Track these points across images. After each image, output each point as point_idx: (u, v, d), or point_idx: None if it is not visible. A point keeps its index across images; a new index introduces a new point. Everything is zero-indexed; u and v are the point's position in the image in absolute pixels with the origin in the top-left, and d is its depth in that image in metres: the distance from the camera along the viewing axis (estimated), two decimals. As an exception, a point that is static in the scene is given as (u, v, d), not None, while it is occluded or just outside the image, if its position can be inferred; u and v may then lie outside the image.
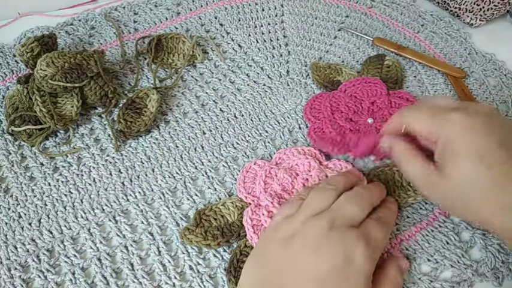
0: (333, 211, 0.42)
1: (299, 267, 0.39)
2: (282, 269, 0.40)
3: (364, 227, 0.41)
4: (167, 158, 0.55)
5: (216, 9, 0.72)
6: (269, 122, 0.58)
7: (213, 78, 0.63)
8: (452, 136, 0.39)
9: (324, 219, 0.41)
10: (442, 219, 0.49)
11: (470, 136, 0.39)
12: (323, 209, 0.42)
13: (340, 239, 0.39)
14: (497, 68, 0.63)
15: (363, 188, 0.46)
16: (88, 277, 0.46)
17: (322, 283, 0.38)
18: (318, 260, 0.39)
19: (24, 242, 0.48)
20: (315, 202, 0.43)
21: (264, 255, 0.42)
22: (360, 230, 0.41)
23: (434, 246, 0.47)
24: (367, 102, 0.57)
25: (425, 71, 0.64)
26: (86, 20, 0.70)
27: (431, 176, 0.40)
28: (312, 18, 0.72)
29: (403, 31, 0.69)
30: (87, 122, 0.58)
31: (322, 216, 0.41)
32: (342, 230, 0.40)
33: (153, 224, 0.49)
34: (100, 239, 0.48)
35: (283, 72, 0.64)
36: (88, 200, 0.51)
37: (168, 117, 0.59)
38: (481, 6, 0.68)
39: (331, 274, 0.38)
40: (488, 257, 0.46)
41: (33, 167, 0.54)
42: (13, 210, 0.50)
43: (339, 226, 0.40)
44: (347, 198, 0.43)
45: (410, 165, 0.42)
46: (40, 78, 0.53)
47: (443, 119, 0.40)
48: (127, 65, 0.64)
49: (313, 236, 0.40)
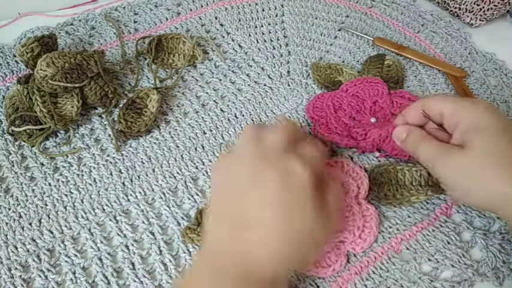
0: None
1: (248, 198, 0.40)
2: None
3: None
4: (168, 158, 0.55)
5: (216, 10, 0.72)
6: (270, 122, 0.58)
7: (213, 78, 0.63)
8: (477, 115, 0.44)
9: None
10: (443, 219, 0.49)
11: (493, 115, 0.44)
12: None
13: (275, 162, 0.40)
14: (497, 68, 0.63)
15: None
16: (89, 277, 0.46)
17: (272, 204, 0.39)
18: (262, 185, 0.39)
19: (24, 242, 0.48)
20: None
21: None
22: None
23: (435, 246, 0.47)
24: (369, 102, 0.57)
25: (426, 71, 0.64)
26: (86, 20, 0.70)
27: (451, 152, 0.44)
28: (312, 18, 0.72)
29: (403, 31, 0.69)
30: (88, 122, 0.58)
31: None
32: (275, 156, 0.41)
33: (154, 223, 0.49)
34: (101, 238, 0.48)
35: (284, 73, 0.64)
36: (88, 200, 0.51)
37: (169, 117, 0.59)
38: (481, 6, 0.68)
39: (277, 194, 0.39)
40: (489, 257, 0.46)
41: (34, 167, 0.54)
42: (13, 210, 0.50)
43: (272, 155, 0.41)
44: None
45: (427, 146, 0.46)
46: (40, 79, 0.53)
47: (467, 102, 0.46)
48: (127, 65, 0.64)
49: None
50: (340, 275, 0.45)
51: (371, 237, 0.47)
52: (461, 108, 0.45)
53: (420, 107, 0.48)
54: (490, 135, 0.43)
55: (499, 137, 0.42)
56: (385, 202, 0.50)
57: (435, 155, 0.45)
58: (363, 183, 0.49)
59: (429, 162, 0.46)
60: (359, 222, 0.47)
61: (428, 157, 0.46)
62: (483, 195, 0.43)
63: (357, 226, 0.46)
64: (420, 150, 0.47)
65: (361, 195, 0.49)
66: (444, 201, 0.50)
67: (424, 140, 0.47)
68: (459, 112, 0.45)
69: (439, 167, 0.45)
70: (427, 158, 0.46)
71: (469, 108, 0.45)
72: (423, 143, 0.47)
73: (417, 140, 0.48)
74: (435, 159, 0.45)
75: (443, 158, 0.45)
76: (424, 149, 0.46)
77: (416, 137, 0.48)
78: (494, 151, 0.42)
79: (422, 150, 0.47)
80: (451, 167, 0.44)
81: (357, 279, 0.45)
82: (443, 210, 0.50)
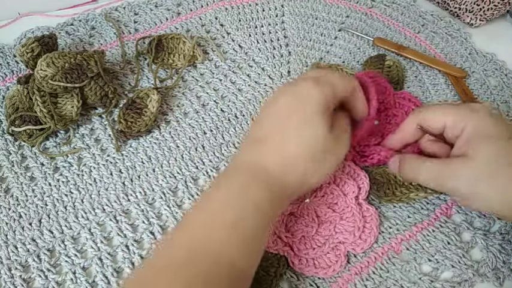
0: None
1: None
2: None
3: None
4: (168, 158, 0.55)
5: (216, 10, 0.72)
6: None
7: (213, 78, 0.63)
8: (479, 122, 0.44)
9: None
10: (443, 219, 0.49)
11: (497, 121, 0.44)
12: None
13: (293, 86, 0.45)
14: (498, 68, 0.63)
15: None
16: (89, 277, 0.46)
17: (283, 120, 0.43)
18: (276, 103, 0.45)
19: (24, 242, 0.48)
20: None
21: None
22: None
23: (435, 246, 0.47)
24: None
25: (426, 71, 0.64)
26: (86, 20, 0.70)
27: (456, 164, 0.44)
28: (312, 19, 0.72)
29: (403, 31, 0.69)
30: (88, 122, 0.58)
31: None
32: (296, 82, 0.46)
33: (154, 223, 0.49)
34: (101, 238, 0.48)
35: (284, 73, 0.64)
36: (89, 199, 0.51)
37: (169, 117, 0.59)
38: (481, 6, 0.68)
39: (288, 112, 0.43)
40: (489, 257, 0.46)
41: (34, 167, 0.54)
42: (14, 210, 0.50)
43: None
44: None
45: (428, 165, 0.45)
46: (40, 79, 0.53)
47: (467, 110, 0.45)
48: (127, 65, 0.64)
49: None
50: (340, 276, 0.45)
51: (371, 238, 0.46)
52: (463, 117, 0.45)
53: (416, 121, 0.48)
54: (494, 142, 0.42)
55: (503, 142, 0.42)
56: (385, 200, 0.50)
57: (441, 171, 0.44)
58: (363, 183, 0.49)
59: (436, 180, 0.45)
60: (359, 223, 0.47)
61: (433, 175, 0.45)
62: (500, 201, 0.42)
63: (357, 227, 0.46)
64: (423, 171, 0.46)
65: (362, 196, 0.49)
66: (444, 202, 0.50)
67: (423, 161, 0.46)
68: (461, 122, 0.44)
69: (448, 181, 0.44)
70: (432, 177, 0.45)
71: (470, 116, 0.44)
72: (423, 164, 0.46)
73: (415, 163, 0.47)
74: (442, 175, 0.44)
75: (449, 171, 0.44)
76: (426, 169, 0.45)
77: (412, 161, 0.47)
78: (501, 156, 0.42)
79: (425, 171, 0.45)
80: (460, 179, 0.43)
81: (357, 280, 0.45)
82: (443, 210, 0.50)
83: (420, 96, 0.60)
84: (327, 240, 0.46)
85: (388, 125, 0.54)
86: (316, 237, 0.46)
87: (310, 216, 0.47)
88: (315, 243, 0.46)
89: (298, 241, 0.46)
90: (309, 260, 0.45)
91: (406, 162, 0.47)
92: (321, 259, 0.45)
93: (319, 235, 0.46)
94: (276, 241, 0.46)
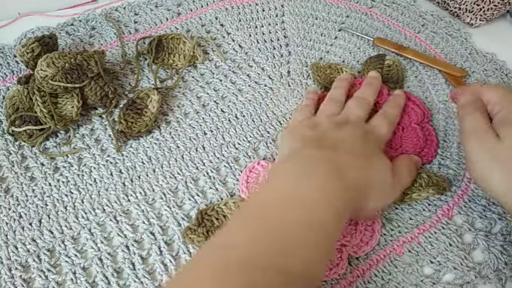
0: (344, 114, 0.52)
1: None
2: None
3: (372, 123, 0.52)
4: (168, 158, 0.55)
5: (216, 10, 0.72)
6: (270, 122, 0.58)
7: (213, 78, 0.63)
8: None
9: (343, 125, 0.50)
10: (445, 221, 0.49)
11: None
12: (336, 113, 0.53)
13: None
14: (498, 68, 0.63)
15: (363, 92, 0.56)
16: (89, 277, 0.46)
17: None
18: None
19: (24, 242, 0.48)
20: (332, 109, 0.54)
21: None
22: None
23: (437, 248, 0.47)
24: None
25: (426, 71, 0.63)
26: (86, 21, 0.70)
27: (488, 136, 0.45)
28: (312, 19, 0.71)
29: (403, 31, 0.69)
30: (88, 123, 0.58)
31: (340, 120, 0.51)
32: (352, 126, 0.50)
33: (154, 224, 0.49)
34: (101, 239, 0.48)
35: (284, 73, 0.64)
36: (89, 200, 0.51)
37: (169, 117, 0.59)
38: (481, 6, 0.68)
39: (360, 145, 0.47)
40: (491, 259, 0.46)
41: (34, 167, 0.54)
42: (14, 210, 0.50)
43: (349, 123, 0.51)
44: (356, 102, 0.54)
45: (472, 117, 0.47)
46: (40, 79, 0.53)
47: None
48: (127, 66, 0.64)
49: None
50: (342, 278, 0.45)
51: (373, 241, 0.46)
52: (504, 100, 0.47)
53: (478, 87, 0.50)
54: None
55: None
56: None
57: (471, 131, 0.47)
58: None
59: (462, 134, 0.48)
60: (361, 226, 0.46)
61: (464, 129, 0.48)
62: (502, 189, 0.43)
63: (359, 230, 0.46)
64: (465, 120, 0.48)
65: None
66: (445, 203, 0.50)
67: (474, 112, 0.48)
68: (501, 103, 0.46)
69: (469, 144, 0.46)
70: (462, 129, 0.48)
71: (508, 103, 0.46)
72: (473, 114, 0.48)
73: (472, 108, 0.48)
74: (469, 134, 0.47)
75: (476, 137, 0.46)
76: (468, 120, 0.48)
77: (471, 105, 0.49)
78: None
79: (466, 121, 0.48)
80: (478, 149, 0.45)
81: (359, 282, 0.45)
82: (444, 211, 0.50)
83: (420, 96, 0.60)
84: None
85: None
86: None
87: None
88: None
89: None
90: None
91: (472, 102, 0.49)
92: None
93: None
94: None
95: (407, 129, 0.54)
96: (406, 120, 0.55)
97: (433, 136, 0.54)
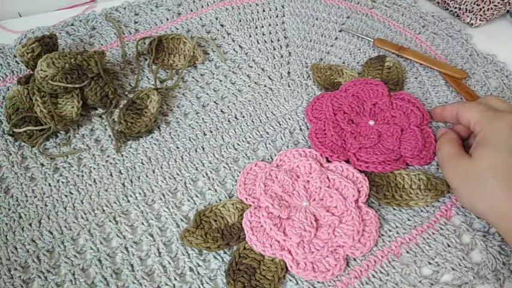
0: None
1: None
2: None
3: None
4: (168, 159, 0.55)
5: (216, 10, 0.72)
6: (270, 123, 0.58)
7: (213, 79, 0.63)
8: (494, 130, 0.46)
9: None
10: (443, 222, 0.49)
11: (509, 133, 0.46)
12: None
13: None
14: (498, 70, 0.63)
15: None
16: (88, 278, 0.46)
17: None
18: None
19: (24, 243, 0.48)
20: None
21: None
22: None
23: (435, 249, 0.47)
24: (369, 104, 0.57)
25: (427, 72, 0.63)
26: (86, 21, 0.70)
27: (461, 159, 0.47)
28: (312, 19, 0.71)
29: (404, 32, 0.69)
30: (88, 123, 0.58)
31: None
32: None
33: (153, 225, 0.49)
34: (100, 239, 0.48)
35: (284, 73, 0.64)
36: (88, 200, 0.51)
37: (169, 118, 0.59)
38: (481, 6, 0.68)
39: None
40: (489, 259, 0.46)
41: (34, 168, 0.54)
42: (13, 210, 0.50)
43: None
44: None
45: (447, 147, 0.50)
46: (40, 79, 0.53)
47: (494, 116, 0.47)
48: (127, 66, 0.64)
49: None
50: (339, 279, 0.45)
51: (370, 242, 0.46)
52: (484, 120, 0.48)
53: (455, 110, 0.52)
54: (499, 153, 0.45)
55: (506, 156, 0.44)
56: (384, 202, 0.50)
57: (448, 157, 0.49)
58: (363, 187, 0.49)
59: (440, 162, 0.50)
60: (359, 227, 0.46)
61: (441, 157, 0.50)
62: (483, 208, 0.45)
63: (356, 230, 0.46)
64: (441, 149, 0.51)
65: (361, 199, 0.49)
66: (443, 204, 0.50)
67: (449, 142, 0.51)
68: (480, 124, 0.48)
69: (448, 170, 0.49)
70: (440, 158, 0.50)
71: (490, 122, 0.47)
72: (447, 143, 0.50)
73: (446, 139, 0.51)
74: (446, 161, 0.49)
75: (452, 162, 0.48)
76: (444, 149, 0.50)
77: (446, 136, 0.52)
78: (497, 167, 0.44)
79: (442, 150, 0.50)
80: (456, 172, 0.48)
81: (357, 283, 0.45)
82: (443, 212, 0.50)
83: (420, 97, 0.60)
84: (326, 243, 0.45)
85: (386, 125, 0.54)
86: (315, 241, 0.46)
87: (308, 219, 0.46)
88: (313, 247, 0.45)
89: (297, 245, 0.45)
90: (307, 263, 0.45)
91: (446, 134, 0.52)
92: (320, 263, 0.45)
93: (318, 239, 0.46)
94: (274, 245, 0.46)
95: (406, 131, 0.54)
96: (405, 122, 0.55)
97: (432, 138, 0.54)
